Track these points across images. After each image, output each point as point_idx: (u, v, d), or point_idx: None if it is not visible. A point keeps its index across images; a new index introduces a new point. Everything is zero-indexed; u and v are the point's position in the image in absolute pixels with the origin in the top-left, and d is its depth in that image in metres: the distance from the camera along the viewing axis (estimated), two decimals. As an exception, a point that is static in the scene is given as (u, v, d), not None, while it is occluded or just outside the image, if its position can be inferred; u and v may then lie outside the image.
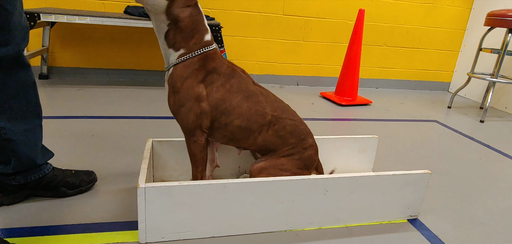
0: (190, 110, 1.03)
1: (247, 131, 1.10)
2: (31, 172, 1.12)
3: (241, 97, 1.08)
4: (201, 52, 1.04)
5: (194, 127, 1.05)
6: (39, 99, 1.10)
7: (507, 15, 2.46)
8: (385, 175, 1.15)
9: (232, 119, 1.07)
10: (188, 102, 1.03)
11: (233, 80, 1.08)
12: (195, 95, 1.03)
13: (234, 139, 1.12)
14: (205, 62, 1.04)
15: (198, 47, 1.03)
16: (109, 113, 2.04)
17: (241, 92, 1.08)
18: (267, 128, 1.12)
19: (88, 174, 1.24)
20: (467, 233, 1.21)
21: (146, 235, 1.00)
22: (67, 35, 2.71)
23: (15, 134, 1.05)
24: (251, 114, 1.09)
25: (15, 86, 1.02)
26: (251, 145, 1.14)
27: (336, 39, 3.21)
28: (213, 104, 1.05)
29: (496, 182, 1.62)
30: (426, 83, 3.61)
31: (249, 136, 1.11)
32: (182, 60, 1.03)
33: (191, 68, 1.03)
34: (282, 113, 1.15)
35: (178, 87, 1.03)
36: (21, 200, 1.14)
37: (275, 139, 1.14)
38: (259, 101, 1.11)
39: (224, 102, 1.06)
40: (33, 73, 1.07)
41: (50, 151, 1.19)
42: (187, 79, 1.02)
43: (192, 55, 1.03)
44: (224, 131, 1.10)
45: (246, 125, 1.09)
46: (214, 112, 1.06)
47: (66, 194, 1.18)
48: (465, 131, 2.34)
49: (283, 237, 1.09)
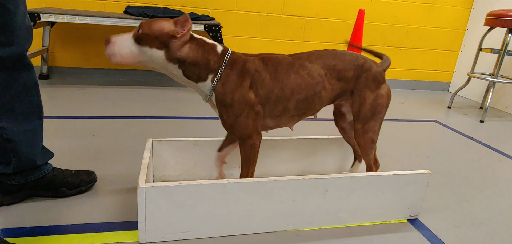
0: (247, 117, 1.06)
1: (310, 98, 1.12)
2: (31, 172, 1.12)
3: (285, 75, 1.08)
4: (226, 62, 1.05)
5: (251, 131, 1.08)
6: (41, 101, 1.11)
7: (507, 15, 2.46)
8: (385, 175, 1.15)
9: (288, 99, 1.09)
10: (243, 111, 1.05)
11: (269, 67, 1.09)
12: (247, 102, 1.05)
13: (304, 111, 1.14)
14: (236, 67, 1.05)
15: (220, 61, 1.04)
16: (109, 113, 2.04)
17: (283, 72, 1.09)
18: (322, 82, 1.12)
19: (88, 174, 1.24)
20: (467, 233, 1.21)
21: (146, 235, 1.00)
22: (67, 35, 2.71)
23: (16, 134, 1.05)
24: (303, 82, 1.10)
25: (18, 87, 1.02)
26: (322, 104, 1.16)
27: (336, 39, 3.21)
28: (263, 101, 1.07)
29: (496, 182, 1.62)
30: (426, 83, 3.61)
31: (314, 99, 1.13)
32: (217, 81, 1.04)
33: (231, 81, 1.04)
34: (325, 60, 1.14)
35: (229, 101, 1.05)
36: (21, 200, 1.14)
37: (337, 84, 1.15)
38: (301, 65, 1.11)
39: (272, 91, 1.07)
40: (35, 74, 1.07)
41: (50, 151, 1.19)
42: (234, 92, 1.04)
43: (221, 70, 1.04)
44: (288, 113, 1.12)
45: (305, 94, 1.10)
46: (268, 106, 1.08)
47: (66, 194, 1.18)
48: (465, 131, 2.34)
49: (283, 237, 1.09)
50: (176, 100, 2.43)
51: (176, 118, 2.06)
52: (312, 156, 1.48)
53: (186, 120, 2.05)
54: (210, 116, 2.16)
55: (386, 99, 1.19)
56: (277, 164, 1.44)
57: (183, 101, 2.41)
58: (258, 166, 1.42)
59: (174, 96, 2.51)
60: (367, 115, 1.18)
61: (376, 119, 1.19)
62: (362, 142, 1.21)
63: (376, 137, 1.22)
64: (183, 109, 2.24)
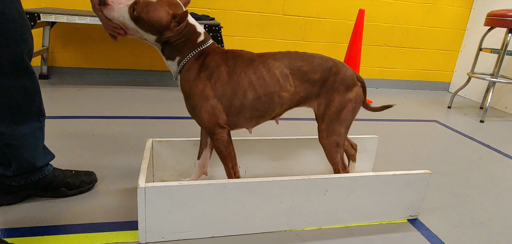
0: (201, 110, 1.06)
1: (266, 97, 1.08)
2: (31, 173, 1.12)
3: (242, 71, 1.07)
4: (195, 53, 1.06)
5: (212, 124, 1.07)
6: (43, 104, 1.09)
7: (507, 15, 2.46)
8: (385, 175, 1.15)
9: (243, 95, 1.06)
10: (198, 103, 1.05)
11: (229, 61, 1.07)
12: (202, 94, 1.05)
13: (262, 113, 1.11)
14: (201, 60, 1.07)
15: (191, 50, 1.06)
16: (109, 113, 2.04)
17: (240, 66, 1.07)
18: (283, 82, 1.09)
19: (89, 175, 1.24)
20: (467, 233, 1.21)
21: (146, 235, 1.00)
22: (67, 35, 2.71)
23: (15, 139, 1.04)
24: (260, 80, 1.07)
25: (17, 94, 1.00)
26: (283, 106, 1.12)
27: (336, 39, 3.21)
28: (220, 95, 1.06)
29: (496, 182, 1.62)
30: (426, 83, 3.61)
31: (272, 99, 1.09)
32: (182, 66, 1.07)
33: (192, 70, 1.06)
34: (291, 59, 1.11)
35: (187, 91, 1.07)
36: (21, 200, 1.14)
37: (301, 86, 1.11)
38: (261, 62, 1.09)
39: (229, 85, 1.06)
40: (37, 81, 1.05)
41: (51, 152, 1.18)
42: (192, 82, 1.06)
43: (188, 58, 1.06)
44: (246, 112, 1.09)
45: (261, 92, 1.07)
46: (225, 101, 1.06)
47: (66, 194, 1.18)
48: (465, 131, 2.34)
49: (283, 237, 1.09)
50: (176, 100, 2.43)
51: (176, 118, 2.06)
52: (310, 156, 1.48)
53: (186, 120, 2.05)
54: (210, 116, 2.16)
55: (354, 103, 1.15)
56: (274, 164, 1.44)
57: (183, 101, 2.40)
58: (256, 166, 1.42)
59: (174, 96, 2.51)
60: (332, 117, 1.14)
61: (341, 123, 1.14)
62: (326, 144, 1.16)
63: (341, 140, 1.17)
64: (183, 110, 2.24)
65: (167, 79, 3.00)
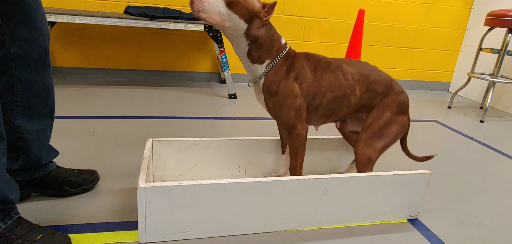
0: (290, 107, 1.12)
1: (340, 98, 1.18)
2: (36, 169, 1.13)
3: (323, 73, 1.17)
4: (282, 55, 1.14)
5: (295, 121, 1.14)
6: (55, 101, 1.11)
7: (507, 15, 2.46)
8: (385, 175, 1.15)
9: (323, 95, 1.17)
10: (287, 100, 1.12)
11: (311, 64, 1.17)
12: (292, 92, 1.12)
13: (332, 113, 1.21)
14: (288, 61, 1.15)
15: (279, 52, 1.14)
16: (109, 113, 2.04)
17: (321, 69, 1.17)
18: (354, 86, 1.19)
19: (91, 173, 1.25)
20: (467, 233, 1.21)
21: (146, 235, 1.00)
22: (67, 35, 2.71)
23: (29, 133, 1.05)
24: (337, 82, 1.17)
25: (39, 88, 1.03)
26: (348, 109, 1.22)
27: (336, 39, 3.21)
28: (305, 94, 1.15)
29: (496, 182, 1.62)
30: (426, 83, 3.61)
31: (343, 101, 1.19)
32: (270, 68, 1.13)
33: (281, 71, 1.13)
34: (361, 67, 1.22)
35: (275, 90, 1.13)
36: (25, 197, 1.15)
37: (366, 93, 1.21)
38: (337, 66, 1.19)
39: (313, 85, 1.15)
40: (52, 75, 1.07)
41: (55, 149, 1.19)
42: (281, 81, 1.13)
43: (277, 60, 1.13)
44: (320, 110, 1.19)
45: (337, 93, 1.18)
46: (308, 99, 1.16)
47: (69, 192, 1.19)
48: (465, 131, 2.34)
49: (283, 237, 1.09)
50: (176, 100, 2.43)
51: (176, 118, 2.07)
52: (310, 156, 1.48)
53: (186, 120, 2.05)
54: (210, 116, 2.16)
55: (400, 128, 1.23)
56: (273, 164, 1.45)
57: (183, 101, 2.41)
58: (256, 166, 1.42)
59: (174, 96, 2.51)
60: (375, 131, 1.21)
61: (381, 140, 1.21)
62: (360, 155, 1.21)
63: (374, 157, 1.21)
64: (183, 109, 2.24)
65: (167, 79, 3.00)
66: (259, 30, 1.09)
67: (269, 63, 1.13)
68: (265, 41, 1.11)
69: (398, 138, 1.24)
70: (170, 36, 2.89)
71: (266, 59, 1.13)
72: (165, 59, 2.95)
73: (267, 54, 1.12)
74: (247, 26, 1.06)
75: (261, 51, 1.12)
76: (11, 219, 0.90)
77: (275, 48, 1.13)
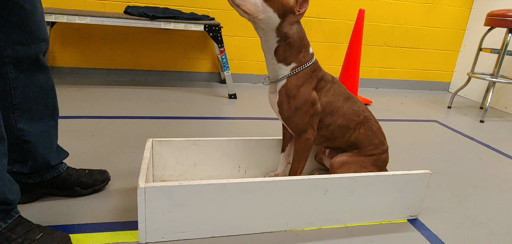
0: (306, 112, 1.14)
1: (345, 128, 1.22)
2: (46, 171, 1.13)
3: (342, 99, 1.21)
4: (310, 64, 1.14)
5: (308, 126, 1.16)
6: (57, 101, 1.11)
7: (507, 15, 2.46)
8: (385, 175, 1.15)
9: (335, 119, 1.20)
10: (305, 106, 1.13)
11: (335, 86, 1.21)
12: (311, 99, 1.14)
13: (332, 138, 1.23)
14: (314, 72, 1.15)
15: (306, 60, 1.14)
16: (109, 113, 2.04)
17: (342, 95, 1.21)
18: (360, 126, 1.24)
19: (102, 173, 1.25)
20: (467, 233, 1.21)
21: (146, 235, 1.00)
22: (67, 35, 2.71)
23: (32, 135, 1.05)
24: (350, 114, 1.21)
25: (35, 89, 1.03)
26: (344, 142, 1.25)
27: (336, 39, 3.21)
28: (322, 107, 1.17)
29: (496, 182, 1.62)
30: (426, 83, 3.61)
31: (346, 133, 1.23)
32: (295, 72, 1.13)
33: (304, 78, 1.14)
34: (370, 114, 1.28)
35: (295, 94, 1.13)
36: (36, 199, 1.15)
37: (364, 137, 1.25)
38: (355, 102, 1.24)
39: (331, 105, 1.18)
40: (52, 76, 1.07)
41: (64, 150, 1.20)
42: (302, 87, 1.13)
43: (304, 67, 1.13)
44: (325, 131, 1.21)
45: (346, 123, 1.21)
46: (322, 115, 1.18)
47: (81, 193, 1.19)
48: (465, 131, 2.34)
49: (283, 237, 1.09)
50: (176, 100, 2.43)
51: (176, 118, 2.06)
52: (310, 156, 1.48)
53: (186, 120, 2.05)
54: (211, 116, 2.16)
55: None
56: (273, 164, 1.44)
57: (183, 101, 2.41)
58: (256, 166, 1.42)
59: (174, 96, 2.51)
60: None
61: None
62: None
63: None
64: (183, 109, 2.24)
65: (167, 79, 3.00)
66: (291, 27, 1.08)
67: (295, 67, 1.12)
68: (295, 42, 1.10)
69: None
70: (170, 36, 2.89)
71: (293, 62, 1.12)
72: (165, 59, 2.95)
73: (294, 57, 1.11)
74: (280, 21, 1.05)
75: (289, 51, 1.10)
76: (11, 218, 0.90)
77: (302, 53, 1.12)
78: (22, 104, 1.01)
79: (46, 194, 1.17)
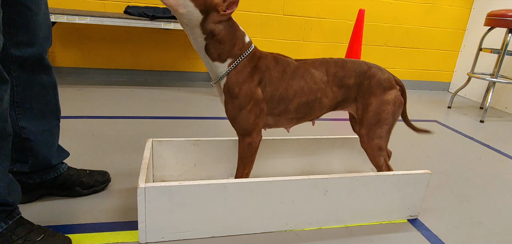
0: (250, 112, 1.07)
1: (310, 102, 1.13)
2: (47, 171, 1.13)
3: (291, 78, 1.11)
4: (247, 54, 1.06)
5: (252, 128, 1.09)
6: (59, 101, 1.11)
7: (507, 15, 2.46)
8: (385, 175, 1.15)
9: (290, 100, 1.11)
10: (248, 105, 1.06)
11: (279, 67, 1.10)
12: (254, 97, 1.06)
13: (303, 115, 1.16)
14: (253, 62, 1.07)
15: (243, 51, 1.06)
16: (109, 113, 2.04)
17: (290, 74, 1.11)
18: (324, 88, 1.14)
19: (103, 174, 1.25)
20: (467, 233, 1.21)
21: (146, 235, 1.00)
22: (67, 35, 2.71)
23: (34, 134, 1.06)
24: (306, 87, 1.11)
25: (37, 88, 1.03)
26: (323, 110, 1.17)
27: (336, 39, 3.21)
28: (268, 98, 1.09)
29: (496, 182, 1.62)
30: (426, 83, 3.61)
31: (314, 104, 1.14)
32: (233, 67, 1.06)
33: (244, 73, 1.06)
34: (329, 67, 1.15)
35: (237, 92, 1.06)
36: (37, 198, 1.15)
37: (338, 91, 1.15)
38: (305, 70, 1.12)
39: (278, 90, 1.10)
40: (54, 75, 1.08)
41: (65, 150, 1.20)
42: (244, 84, 1.06)
43: (241, 59, 1.06)
44: (288, 114, 1.14)
45: (306, 98, 1.12)
46: (271, 103, 1.10)
47: (81, 193, 1.19)
48: (465, 131, 2.34)
49: (283, 237, 1.09)
50: (176, 100, 2.43)
51: (176, 118, 2.06)
52: (314, 155, 1.48)
53: (186, 120, 2.05)
54: (211, 116, 2.16)
55: (393, 105, 1.16)
56: (278, 164, 1.44)
57: (183, 101, 2.41)
58: (260, 166, 1.42)
59: (174, 96, 2.51)
60: (371, 122, 1.16)
61: (382, 126, 1.17)
62: (368, 148, 1.19)
63: (383, 143, 1.18)
64: (183, 109, 2.24)
65: (167, 79, 3.00)
66: (216, 25, 1.00)
67: (232, 62, 1.05)
68: (224, 38, 1.02)
69: (397, 114, 1.18)
70: (170, 36, 2.89)
71: (228, 58, 1.05)
72: (165, 59, 2.95)
73: (228, 53, 1.04)
74: (202, 17, 0.98)
75: (221, 48, 1.03)
76: (12, 219, 0.90)
77: (237, 46, 1.05)
78: (23, 102, 1.02)
79: (46, 194, 1.17)
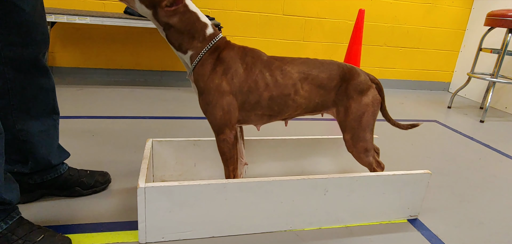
0: (215, 106, 1.05)
1: (281, 98, 1.09)
2: (47, 171, 1.13)
3: (260, 70, 1.08)
4: (209, 47, 1.05)
5: (222, 123, 1.07)
6: (57, 102, 1.11)
7: (507, 15, 2.46)
8: (385, 175, 1.15)
9: (260, 93, 1.07)
10: (213, 99, 1.04)
11: (247, 58, 1.08)
12: (219, 90, 1.04)
13: (275, 113, 1.12)
14: (216, 54, 1.05)
15: (204, 44, 1.05)
16: (109, 113, 2.04)
17: (258, 66, 1.08)
18: (295, 85, 1.10)
19: (103, 175, 1.25)
20: (467, 233, 1.21)
21: (146, 235, 1.00)
22: (67, 35, 2.71)
23: (32, 135, 1.05)
24: (274, 81, 1.08)
25: (34, 90, 1.02)
26: (297, 109, 1.13)
27: (336, 39, 3.21)
28: (236, 91, 1.06)
29: (496, 182, 1.62)
30: (426, 83, 3.61)
31: (286, 101, 1.10)
32: (197, 61, 1.05)
33: (207, 66, 1.05)
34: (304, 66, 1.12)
35: (202, 86, 1.05)
36: (37, 199, 1.15)
37: (315, 91, 1.12)
38: (278, 67, 1.10)
39: (246, 82, 1.06)
40: (53, 78, 1.07)
41: (66, 151, 1.20)
42: (208, 77, 1.04)
43: (203, 53, 1.04)
44: (259, 109, 1.10)
45: (275, 92, 1.08)
46: (240, 96, 1.07)
47: (81, 193, 1.19)
48: (465, 131, 2.34)
49: (283, 237, 1.09)
50: (176, 100, 2.43)
51: (176, 118, 2.06)
52: (310, 156, 1.48)
53: (186, 120, 2.05)
54: (210, 116, 2.16)
55: (372, 106, 1.15)
56: (274, 164, 1.44)
57: (183, 101, 2.41)
58: (256, 166, 1.42)
59: (174, 96, 2.51)
60: (353, 126, 1.15)
61: (364, 129, 1.15)
62: (355, 152, 1.18)
63: (369, 144, 1.18)
64: (183, 109, 2.24)
65: (167, 79, 3.00)
66: (169, 18, 1.00)
67: (194, 55, 1.05)
68: (182, 28, 1.02)
69: (376, 113, 1.18)
70: (170, 36, 2.88)
71: (188, 50, 1.04)
72: (165, 59, 2.95)
73: (188, 44, 1.04)
74: (151, 11, 1.00)
75: (180, 38, 1.03)
76: (12, 219, 0.90)
77: (197, 39, 1.03)
78: (20, 105, 1.01)
79: (47, 194, 1.17)
